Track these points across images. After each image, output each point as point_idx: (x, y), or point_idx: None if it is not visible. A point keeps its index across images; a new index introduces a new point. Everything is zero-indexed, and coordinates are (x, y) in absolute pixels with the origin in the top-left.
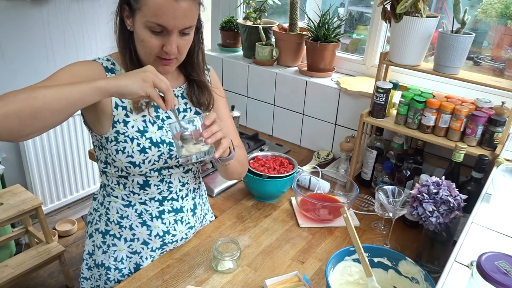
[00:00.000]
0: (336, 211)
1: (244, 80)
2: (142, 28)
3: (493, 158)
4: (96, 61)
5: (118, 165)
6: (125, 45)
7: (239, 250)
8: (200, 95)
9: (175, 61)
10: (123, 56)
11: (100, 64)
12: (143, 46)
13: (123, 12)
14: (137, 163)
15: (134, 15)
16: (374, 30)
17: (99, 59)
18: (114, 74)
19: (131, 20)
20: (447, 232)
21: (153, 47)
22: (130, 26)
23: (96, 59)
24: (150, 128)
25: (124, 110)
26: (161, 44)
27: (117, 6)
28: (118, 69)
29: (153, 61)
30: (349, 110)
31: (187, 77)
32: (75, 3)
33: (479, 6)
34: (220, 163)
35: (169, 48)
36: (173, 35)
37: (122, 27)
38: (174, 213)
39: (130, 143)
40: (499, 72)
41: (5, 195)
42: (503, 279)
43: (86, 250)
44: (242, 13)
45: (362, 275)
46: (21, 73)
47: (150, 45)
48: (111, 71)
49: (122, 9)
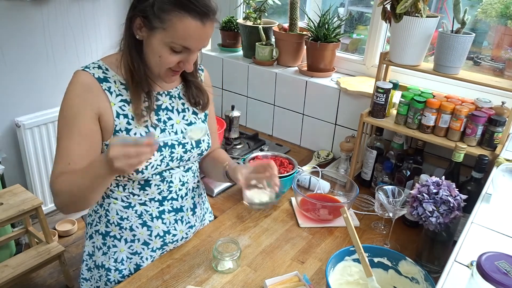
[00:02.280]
0: (336, 211)
1: (244, 80)
2: (163, 45)
3: (493, 158)
4: (86, 72)
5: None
6: (137, 55)
7: (239, 250)
8: (199, 95)
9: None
10: (134, 66)
11: (91, 75)
12: (159, 61)
13: (135, 22)
14: (140, 169)
15: (154, 32)
16: (374, 30)
17: (89, 68)
18: (108, 83)
19: (145, 33)
20: (447, 232)
21: (171, 63)
22: (141, 36)
23: (86, 69)
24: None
25: (126, 118)
26: (178, 60)
27: (128, 14)
28: (112, 74)
29: (164, 73)
30: (349, 110)
31: (183, 77)
32: (75, 3)
33: (479, 6)
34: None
35: (188, 66)
36: (194, 54)
37: (132, 35)
38: (174, 213)
39: None
40: (499, 72)
41: (5, 195)
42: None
43: (86, 251)
44: (242, 13)
45: (362, 275)
46: (21, 73)
47: (168, 61)
48: (104, 80)
49: (134, 19)
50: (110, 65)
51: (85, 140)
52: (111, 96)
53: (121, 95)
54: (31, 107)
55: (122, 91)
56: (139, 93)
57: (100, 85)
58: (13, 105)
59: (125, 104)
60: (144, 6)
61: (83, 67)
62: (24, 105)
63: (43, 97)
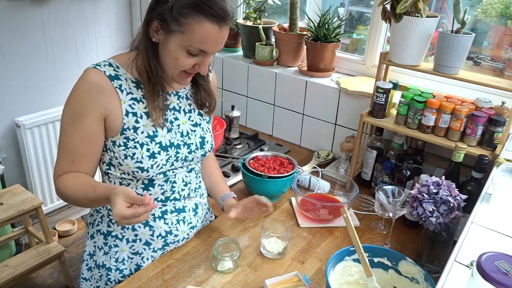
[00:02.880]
0: (336, 211)
1: (244, 80)
2: (180, 48)
3: (493, 158)
4: (97, 70)
5: (124, 169)
6: (154, 56)
7: (239, 250)
8: (207, 99)
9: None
10: (149, 68)
11: (103, 73)
12: (175, 64)
13: (152, 24)
14: (145, 168)
15: (171, 35)
16: (374, 30)
17: (100, 66)
18: (120, 80)
19: (162, 36)
20: (447, 232)
21: (187, 66)
22: (157, 39)
23: (97, 66)
24: (160, 132)
25: (135, 117)
26: (194, 63)
27: (146, 16)
28: (123, 72)
29: (178, 75)
30: (349, 110)
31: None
32: (75, 3)
33: (479, 6)
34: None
35: (203, 69)
36: (209, 57)
37: (149, 37)
38: (177, 213)
39: (140, 149)
40: (499, 72)
41: (5, 195)
42: (503, 279)
43: (87, 251)
44: (242, 13)
45: (362, 275)
46: (21, 73)
47: (184, 64)
48: (115, 77)
49: (152, 21)
50: (121, 64)
51: (89, 141)
52: (121, 94)
53: (132, 94)
54: (31, 107)
55: (133, 89)
56: (156, 93)
57: (111, 83)
58: (13, 105)
59: (135, 102)
60: (163, 10)
61: (94, 65)
62: (24, 105)
63: (43, 97)
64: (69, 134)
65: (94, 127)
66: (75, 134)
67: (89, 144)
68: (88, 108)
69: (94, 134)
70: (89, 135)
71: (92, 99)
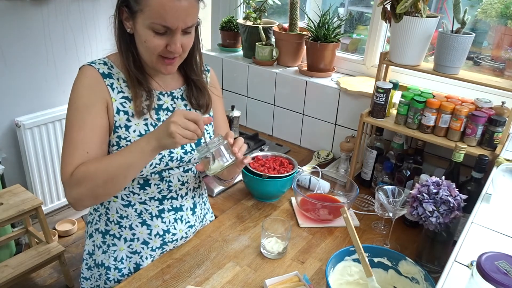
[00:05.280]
0: (336, 211)
1: (244, 80)
2: (145, 29)
3: (493, 158)
4: (92, 67)
5: None
6: (127, 48)
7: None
8: (200, 97)
9: (178, 59)
10: (126, 60)
11: (96, 70)
12: (146, 47)
13: (122, 15)
14: None
15: (135, 17)
16: (374, 30)
17: (95, 63)
18: (111, 79)
19: (131, 22)
20: (447, 232)
21: (157, 47)
22: (130, 28)
23: (92, 64)
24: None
25: (126, 115)
26: (164, 43)
27: (115, 8)
28: (116, 72)
29: (156, 61)
30: (349, 110)
31: (186, 78)
32: (75, 3)
33: (479, 6)
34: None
35: (174, 47)
36: (177, 34)
37: (122, 30)
38: (174, 212)
39: None
40: (499, 72)
41: (5, 195)
42: (503, 279)
43: (86, 250)
44: (242, 13)
45: (362, 275)
46: (21, 73)
47: (153, 45)
48: (108, 76)
49: (121, 12)
50: (115, 62)
51: (98, 131)
52: (113, 92)
53: (123, 92)
54: (31, 107)
55: (124, 88)
56: (139, 90)
57: (104, 81)
58: (13, 105)
59: (126, 101)
60: None
61: (89, 62)
62: (24, 105)
63: (43, 97)
64: (77, 127)
65: (102, 118)
66: (84, 126)
67: (99, 134)
68: (92, 99)
69: (102, 124)
70: (98, 125)
71: (94, 91)
